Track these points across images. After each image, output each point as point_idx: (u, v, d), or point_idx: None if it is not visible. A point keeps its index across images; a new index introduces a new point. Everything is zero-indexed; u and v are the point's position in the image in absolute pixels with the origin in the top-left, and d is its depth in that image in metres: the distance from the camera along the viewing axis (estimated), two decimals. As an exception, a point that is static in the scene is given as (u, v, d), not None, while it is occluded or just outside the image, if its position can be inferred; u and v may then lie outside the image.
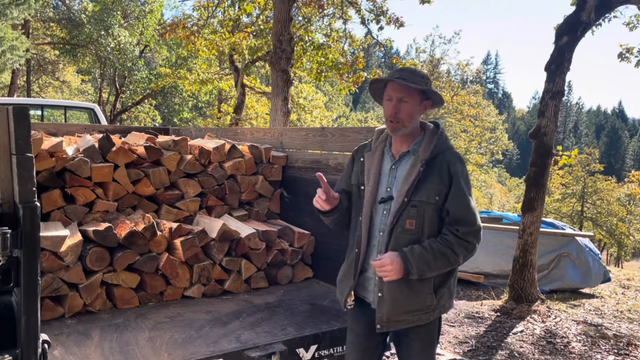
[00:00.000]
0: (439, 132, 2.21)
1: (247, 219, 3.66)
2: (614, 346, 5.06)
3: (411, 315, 2.13)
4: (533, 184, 6.34)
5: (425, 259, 2.04)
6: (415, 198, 2.09)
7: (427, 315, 2.15)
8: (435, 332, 2.25)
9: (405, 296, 2.11)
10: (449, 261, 2.08)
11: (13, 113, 1.65)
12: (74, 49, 20.76)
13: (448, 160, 2.12)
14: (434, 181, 2.09)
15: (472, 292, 7.28)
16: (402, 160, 2.20)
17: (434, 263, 2.05)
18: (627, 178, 31.31)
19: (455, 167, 2.11)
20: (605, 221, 25.99)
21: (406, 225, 2.10)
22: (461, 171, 2.12)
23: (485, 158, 32.47)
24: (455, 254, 2.07)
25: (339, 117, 39.51)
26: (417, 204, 2.09)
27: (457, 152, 2.20)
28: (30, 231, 1.59)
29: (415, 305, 2.12)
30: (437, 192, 2.08)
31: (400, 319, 2.14)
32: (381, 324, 2.15)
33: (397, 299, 2.12)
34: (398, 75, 2.14)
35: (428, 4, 9.56)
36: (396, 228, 2.12)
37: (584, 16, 6.17)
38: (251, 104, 17.19)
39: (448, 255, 2.06)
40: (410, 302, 2.12)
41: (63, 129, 4.88)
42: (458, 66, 29.13)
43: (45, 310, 2.62)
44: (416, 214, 2.09)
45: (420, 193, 2.09)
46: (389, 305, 2.13)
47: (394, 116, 2.14)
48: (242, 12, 10.42)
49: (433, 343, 2.25)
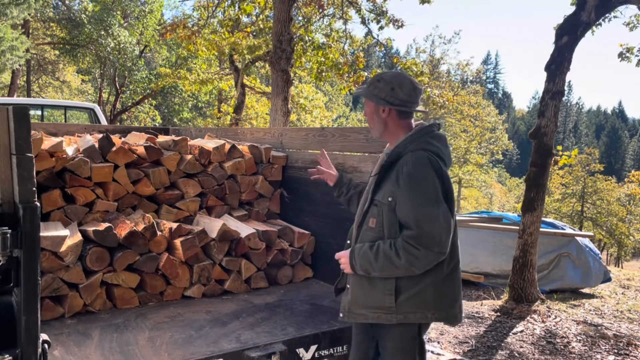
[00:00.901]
0: (413, 133, 2.19)
1: (247, 219, 3.66)
2: (614, 346, 5.06)
3: (369, 311, 2.17)
4: (533, 184, 6.34)
5: (368, 258, 2.10)
6: (375, 197, 2.17)
7: (388, 316, 2.13)
8: (408, 339, 2.17)
9: (363, 291, 2.19)
10: (392, 263, 2.04)
11: (13, 113, 1.65)
12: (74, 49, 20.76)
13: (403, 161, 2.10)
14: (389, 182, 2.13)
15: (472, 292, 7.28)
16: None
17: (376, 263, 2.08)
18: (627, 178, 31.30)
19: (406, 168, 2.06)
20: (605, 221, 25.99)
21: (369, 224, 2.18)
22: (410, 173, 2.05)
23: (485, 158, 32.50)
24: (399, 256, 2.01)
25: (339, 117, 39.51)
26: (377, 203, 2.16)
27: (419, 153, 2.09)
28: (30, 231, 1.59)
29: (373, 303, 2.16)
30: (390, 193, 2.11)
31: (358, 312, 2.21)
32: (343, 313, 2.27)
33: (356, 293, 2.21)
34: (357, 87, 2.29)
35: (428, 4, 9.56)
36: (362, 225, 2.22)
37: (584, 16, 6.17)
38: (251, 104, 17.19)
39: (391, 257, 2.03)
40: (367, 298, 2.17)
41: (63, 129, 4.88)
42: (458, 66, 29.19)
43: (45, 310, 2.62)
44: (377, 213, 2.15)
45: (380, 193, 2.16)
46: (350, 297, 2.24)
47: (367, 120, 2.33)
48: (242, 12, 10.41)
49: (405, 350, 2.18)
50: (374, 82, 2.24)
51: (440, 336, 5.12)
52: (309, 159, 3.62)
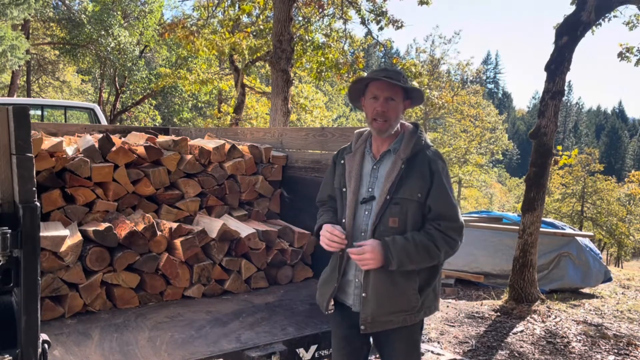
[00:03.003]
0: (418, 131, 2.20)
1: (247, 219, 3.66)
2: (614, 346, 5.06)
3: (396, 316, 2.09)
4: (533, 184, 6.34)
5: (407, 250, 2.00)
6: (398, 196, 2.08)
7: (411, 317, 2.11)
8: (418, 335, 2.20)
9: (390, 295, 2.08)
10: (429, 255, 2.04)
11: (13, 113, 1.65)
12: (74, 49, 20.76)
13: (429, 158, 2.12)
14: (415, 178, 2.08)
15: (472, 292, 7.28)
16: (383, 160, 2.19)
17: (415, 255, 2.01)
18: (627, 178, 31.33)
19: (436, 164, 2.10)
20: (605, 221, 26.01)
21: (389, 224, 2.08)
22: (442, 168, 2.11)
23: (485, 158, 32.49)
24: (437, 247, 2.03)
25: (339, 117, 39.53)
26: (399, 201, 2.08)
27: (437, 150, 2.20)
28: (30, 231, 1.59)
29: (401, 306, 2.09)
30: (419, 189, 2.07)
31: (385, 320, 2.09)
32: (365, 325, 2.10)
33: (382, 299, 2.08)
34: (384, 75, 2.12)
35: (426, 5, 9.57)
36: (379, 227, 2.09)
37: (584, 16, 6.17)
38: (251, 104, 17.20)
39: (430, 248, 2.03)
40: (396, 302, 2.08)
41: (63, 129, 4.88)
42: (458, 66, 29.16)
43: (45, 310, 2.62)
44: (399, 211, 2.08)
45: (403, 190, 2.08)
46: (374, 306, 2.09)
47: (382, 115, 2.11)
48: (242, 12, 10.43)
49: (417, 346, 2.20)
50: (402, 76, 2.15)
51: (440, 336, 5.13)
52: (309, 159, 3.62)
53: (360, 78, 2.21)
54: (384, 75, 2.10)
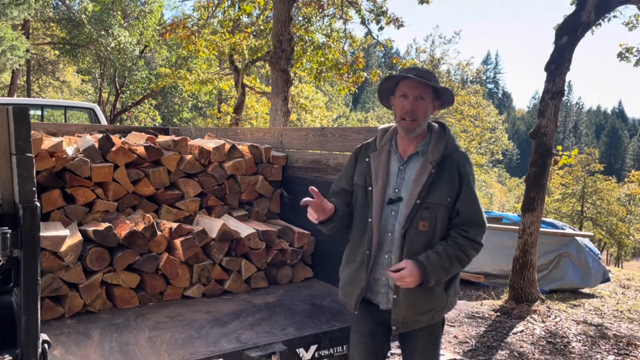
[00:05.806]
0: (447, 132, 2.20)
1: (247, 219, 3.66)
2: (614, 346, 5.06)
3: (424, 315, 2.15)
4: (533, 184, 6.33)
5: (443, 266, 2.06)
6: (428, 200, 2.09)
7: (438, 314, 2.19)
8: (439, 330, 2.27)
9: (420, 297, 2.12)
10: (461, 264, 2.12)
11: (13, 113, 1.65)
12: (74, 49, 20.75)
13: (457, 162, 2.13)
14: (445, 183, 2.10)
15: (472, 292, 7.27)
16: (410, 162, 2.18)
17: (449, 268, 2.08)
18: (627, 178, 31.33)
19: (464, 169, 2.13)
20: (605, 221, 25.99)
21: (419, 227, 2.09)
22: (470, 172, 2.15)
23: (485, 158, 32.47)
24: (467, 256, 2.11)
25: (339, 117, 39.51)
26: (429, 205, 2.09)
27: (464, 152, 2.21)
28: (30, 231, 1.59)
29: (431, 305, 2.15)
30: (449, 194, 2.09)
31: (415, 320, 2.15)
32: (397, 326, 2.15)
33: (414, 301, 2.13)
34: (415, 73, 2.10)
35: (427, 4, 9.57)
36: (409, 230, 2.09)
37: (584, 16, 6.17)
38: (251, 104, 17.20)
39: (461, 258, 2.10)
40: (426, 302, 2.14)
41: (63, 129, 4.88)
42: (458, 66, 29.14)
43: (45, 310, 2.62)
44: (429, 215, 2.09)
45: (433, 195, 2.09)
46: (406, 307, 2.13)
47: (411, 114, 2.09)
48: (242, 12, 10.42)
49: (437, 342, 2.27)
50: (434, 76, 2.15)
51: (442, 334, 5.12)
52: (309, 159, 3.62)
53: (390, 76, 2.19)
54: (414, 74, 2.09)
